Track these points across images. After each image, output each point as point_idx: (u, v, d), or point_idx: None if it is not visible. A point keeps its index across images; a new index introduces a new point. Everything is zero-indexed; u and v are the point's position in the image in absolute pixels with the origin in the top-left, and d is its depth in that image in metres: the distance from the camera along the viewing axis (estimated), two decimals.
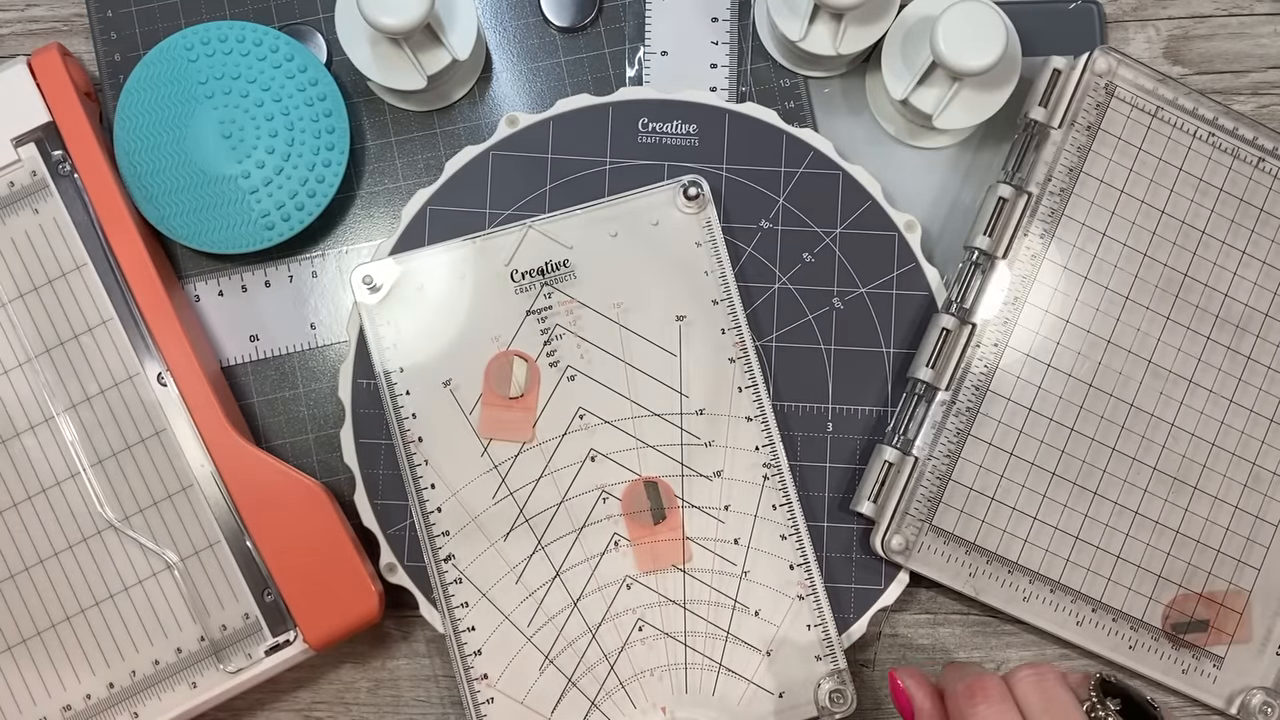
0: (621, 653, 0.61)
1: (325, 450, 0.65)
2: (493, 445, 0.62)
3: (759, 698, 0.61)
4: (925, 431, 0.62)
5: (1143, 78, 0.64)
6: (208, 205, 0.63)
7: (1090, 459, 0.63)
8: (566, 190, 0.64)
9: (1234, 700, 0.64)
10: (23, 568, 0.61)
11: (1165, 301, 0.63)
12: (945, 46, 0.60)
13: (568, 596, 0.61)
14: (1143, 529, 0.63)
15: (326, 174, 0.64)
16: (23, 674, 0.61)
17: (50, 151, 0.63)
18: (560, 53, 0.67)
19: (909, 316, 0.64)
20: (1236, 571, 0.64)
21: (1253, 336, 0.64)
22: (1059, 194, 0.63)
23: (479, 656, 0.61)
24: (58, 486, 0.61)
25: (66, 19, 0.68)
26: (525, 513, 0.62)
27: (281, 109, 0.64)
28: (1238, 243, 0.64)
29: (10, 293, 0.62)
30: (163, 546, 0.61)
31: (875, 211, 0.64)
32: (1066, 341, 0.63)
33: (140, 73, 0.64)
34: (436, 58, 0.64)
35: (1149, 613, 0.63)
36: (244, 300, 0.66)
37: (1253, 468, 0.64)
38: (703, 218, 0.63)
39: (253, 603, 0.61)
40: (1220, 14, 0.69)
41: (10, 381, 0.62)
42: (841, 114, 0.67)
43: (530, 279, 0.63)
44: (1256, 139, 0.64)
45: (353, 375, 0.63)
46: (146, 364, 0.62)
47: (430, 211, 0.64)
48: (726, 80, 0.67)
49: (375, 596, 0.61)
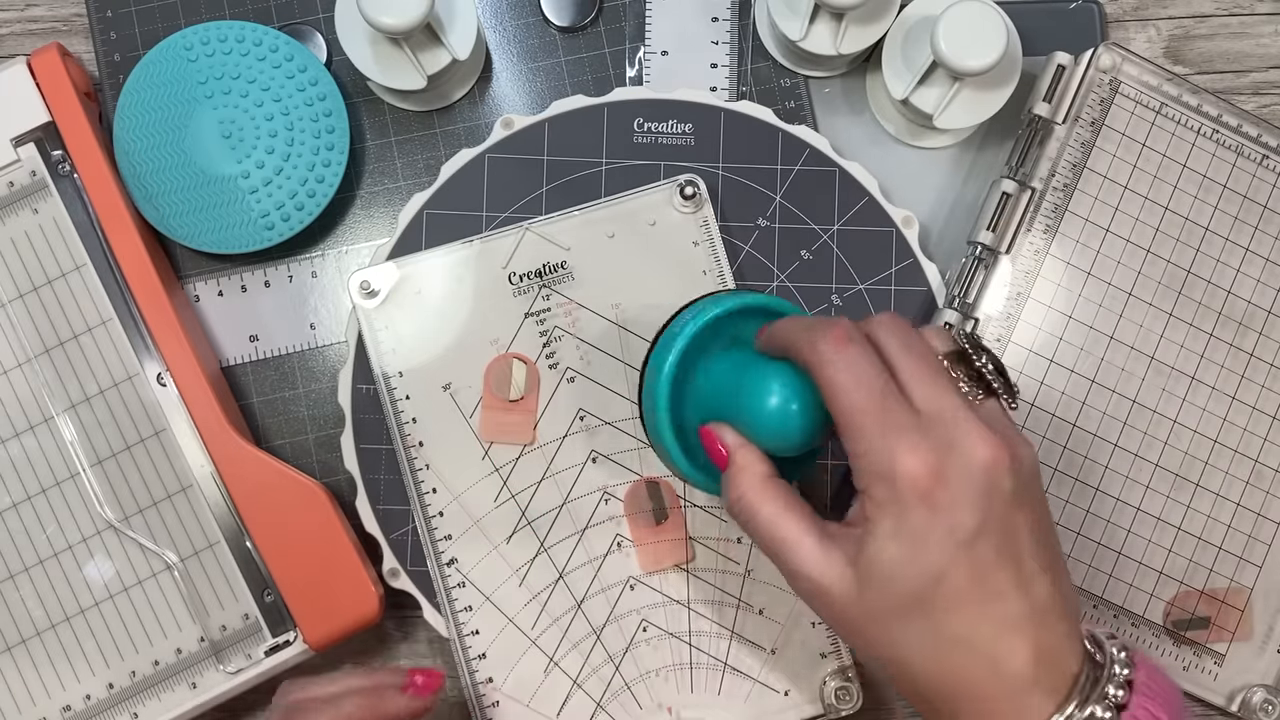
0: (626, 653, 0.61)
1: (325, 450, 0.65)
2: (494, 448, 0.62)
3: (765, 696, 0.61)
4: None
5: (1147, 74, 0.64)
6: (207, 205, 0.63)
7: (1092, 455, 0.63)
8: (563, 192, 0.64)
9: (1235, 697, 0.64)
10: (22, 568, 0.61)
11: (1168, 298, 0.63)
12: (946, 46, 0.60)
13: (571, 598, 0.61)
14: (1144, 525, 0.63)
15: (326, 174, 0.64)
16: (22, 674, 0.61)
17: (50, 151, 0.62)
18: (560, 53, 0.67)
19: (908, 312, 0.64)
20: (1238, 569, 0.64)
21: (1255, 333, 0.64)
22: (1062, 190, 0.63)
23: (484, 660, 0.61)
24: (58, 486, 0.61)
25: (66, 19, 0.68)
26: (527, 515, 0.62)
27: (281, 109, 0.63)
28: (1241, 240, 0.64)
29: (10, 293, 0.62)
30: (163, 547, 0.61)
31: (873, 208, 0.64)
32: (1069, 337, 0.63)
33: (140, 73, 0.64)
34: (436, 58, 0.63)
35: (1150, 609, 0.63)
36: (244, 300, 0.66)
37: (1255, 465, 0.64)
38: (700, 217, 0.63)
39: (252, 603, 0.61)
40: (1221, 14, 0.69)
41: (10, 381, 0.61)
42: (842, 114, 0.67)
43: (528, 281, 0.62)
44: (1260, 136, 0.64)
45: (352, 380, 0.63)
46: (146, 364, 0.61)
47: (427, 215, 0.64)
48: (727, 80, 0.67)
49: (375, 597, 0.60)
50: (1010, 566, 0.46)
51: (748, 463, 0.51)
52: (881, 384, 0.47)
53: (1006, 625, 0.46)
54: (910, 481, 0.46)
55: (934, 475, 0.46)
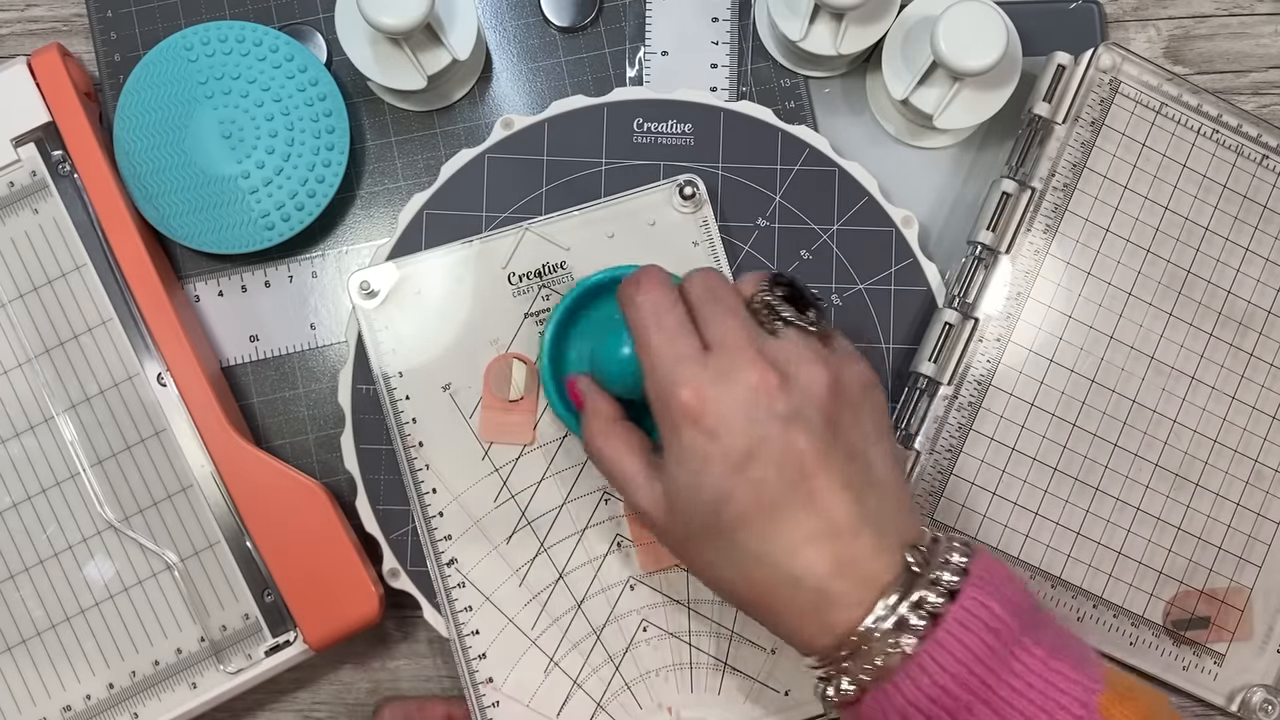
0: (626, 653, 0.61)
1: (325, 451, 0.65)
2: (494, 448, 0.62)
3: (765, 695, 0.61)
4: (927, 426, 0.62)
5: (1147, 74, 0.64)
6: (208, 205, 0.63)
7: (1092, 455, 0.63)
8: (563, 192, 0.64)
9: (1235, 697, 0.64)
10: (23, 568, 0.61)
11: (1168, 298, 0.63)
12: (946, 46, 0.60)
13: (571, 598, 0.61)
14: (1144, 525, 0.63)
15: (326, 174, 0.64)
16: (23, 674, 0.61)
17: (50, 151, 0.62)
18: (560, 53, 0.67)
19: (908, 312, 0.64)
20: (1238, 569, 0.64)
21: (1255, 333, 0.64)
22: (1062, 189, 0.63)
23: (484, 660, 0.61)
24: (58, 486, 0.61)
25: (66, 19, 0.68)
26: (527, 515, 0.62)
27: (281, 109, 0.63)
28: (1241, 240, 0.64)
29: (10, 293, 0.62)
30: (163, 547, 0.61)
31: (872, 207, 0.64)
32: (1069, 337, 0.63)
33: (140, 73, 0.64)
34: (436, 58, 0.63)
35: (1150, 609, 0.63)
36: (244, 300, 0.66)
37: (1255, 465, 0.64)
38: (699, 217, 0.63)
39: (253, 603, 0.61)
40: (1221, 14, 0.69)
41: (10, 381, 0.61)
42: (842, 114, 0.67)
43: (528, 281, 0.62)
44: (1260, 136, 0.64)
45: (352, 380, 0.63)
46: (146, 364, 0.61)
47: (427, 215, 0.64)
48: (727, 80, 0.67)
49: (375, 597, 0.60)
50: (795, 485, 0.49)
51: (596, 407, 0.56)
52: (673, 323, 0.52)
53: (799, 541, 0.49)
54: (683, 410, 0.50)
55: (703, 402, 0.49)
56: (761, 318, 0.53)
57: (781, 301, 0.53)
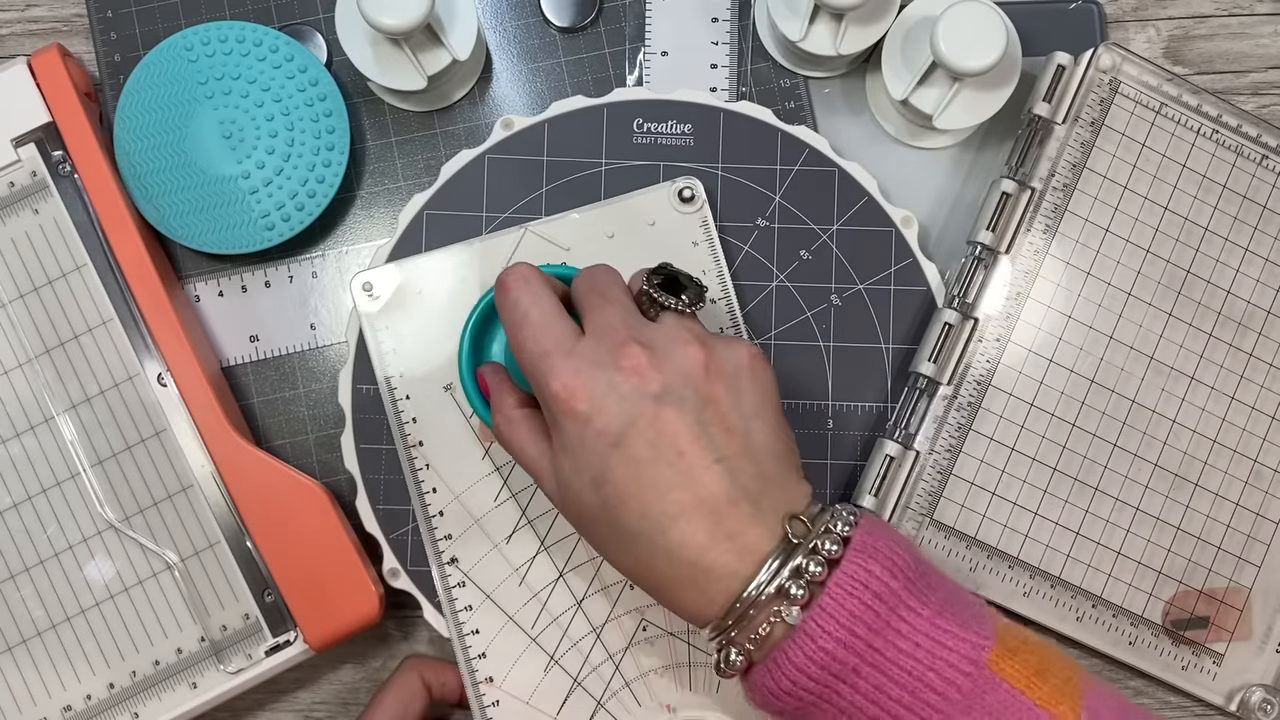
0: (626, 652, 0.61)
1: (325, 451, 0.65)
2: (494, 448, 0.62)
3: None
4: (927, 426, 0.62)
5: (1147, 74, 0.64)
6: (208, 205, 0.63)
7: (1092, 455, 0.63)
8: (563, 192, 0.64)
9: (1234, 697, 0.64)
10: (23, 568, 0.61)
11: (1168, 298, 0.63)
12: (945, 47, 0.60)
13: (571, 597, 0.61)
14: (1143, 525, 0.63)
15: (326, 174, 0.64)
16: (23, 674, 0.61)
17: (50, 152, 0.62)
18: (560, 53, 0.67)
19: (908, 312, 0.64)
20: (1237, 569, 0.64)
21: (1255, 334, 0.64)
22: (1062, 189, 0.63)
23: (484, 659, 0.61)
24: (58, 486, 0.61)
25: (66, 19, 0.68)
26: (527, 514, 0.62)
27: (281, 109, 0.63)
28: (1240, 240, 0.64)
29: (10, 293, 0.62)
30: (163, 547, 0.61)
31: (872, 207, 0.64)
32: (1069, 337, 0.63)
33: (140, 73, 0.64)
34: (436, 58, 0.64)
35: (1149, 609, 0.63)
36: (244, 300, 0.66)
37: (1254, 465, 0.64)
38: (699, 217, 0.63)
39: (253, 603, 0.61)
40: (1220, 14, 0.69)
41: (10, 382, 0.61)
42: (842, 114, 0.68)
43: None
44: (1260, 136, 0.64)
45: (352, 380, 0.63)
46: (146, 364, 0.61)
47: (427, 215, 0.64)
48: (727, 80, 0.67)
49: (375, 597, 0.60)
50: (669, 461, 0.50)
51: (501, 398, 0.57)
52: (538, 318, 0.53)
53: (674, 515, 0.50)
54: (555, 400, 0.51)
55: (572, 390, 0.50)
56: (644, 308, 0.54)
57: (658, 289, 0.54)
